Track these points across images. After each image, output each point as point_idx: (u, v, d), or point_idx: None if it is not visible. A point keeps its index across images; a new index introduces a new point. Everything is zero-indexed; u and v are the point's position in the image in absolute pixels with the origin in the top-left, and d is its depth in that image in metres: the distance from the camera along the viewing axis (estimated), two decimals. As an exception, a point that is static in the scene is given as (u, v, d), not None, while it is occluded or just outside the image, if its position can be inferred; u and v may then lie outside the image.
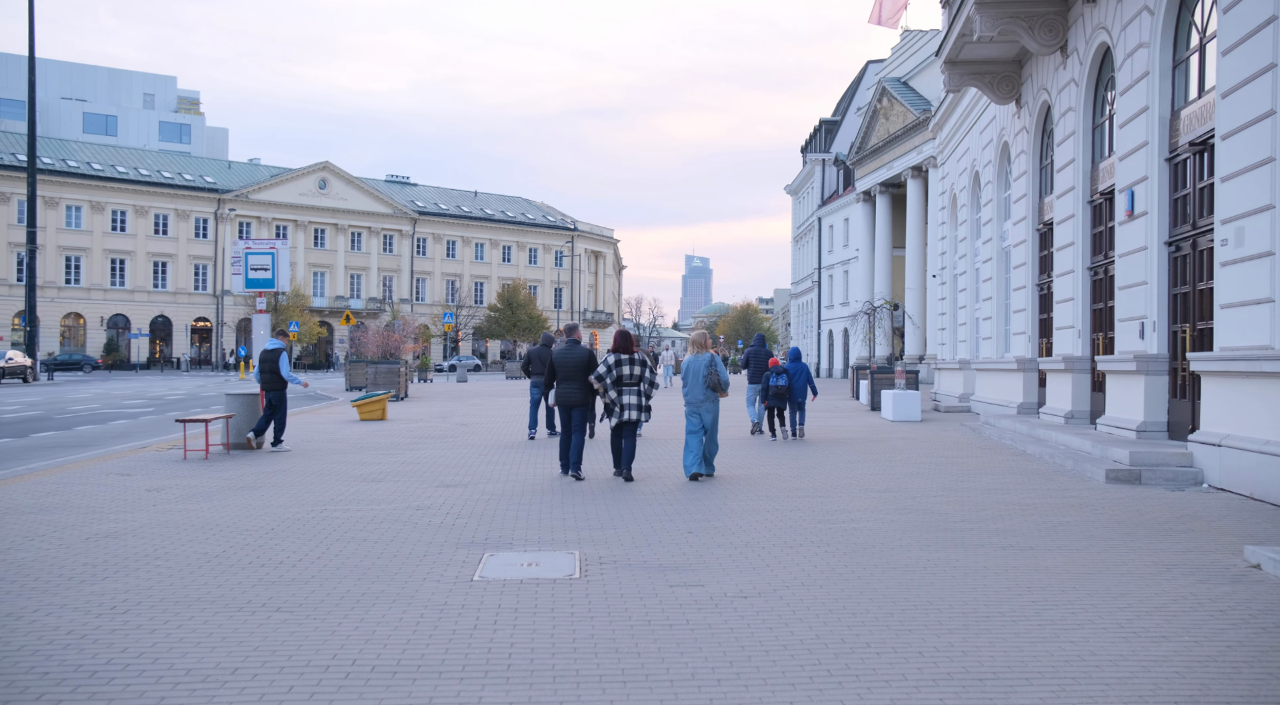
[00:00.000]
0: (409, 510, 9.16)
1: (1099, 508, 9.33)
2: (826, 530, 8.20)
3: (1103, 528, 8.30)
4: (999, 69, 19.70)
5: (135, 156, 79.20)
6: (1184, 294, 12.33)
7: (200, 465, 12.74)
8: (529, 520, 8.70)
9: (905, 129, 45.89)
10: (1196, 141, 11.78)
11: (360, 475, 11.80)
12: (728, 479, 11.56)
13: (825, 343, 65.81)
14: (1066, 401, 16.41)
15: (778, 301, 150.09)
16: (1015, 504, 9.57)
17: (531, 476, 11.77)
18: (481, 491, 10.46)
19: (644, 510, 9.27)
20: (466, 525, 8.40)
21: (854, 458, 13.92)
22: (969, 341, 25.75)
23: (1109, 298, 15.09)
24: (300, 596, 6.00)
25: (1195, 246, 11.95)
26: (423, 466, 12.75)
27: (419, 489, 10.64)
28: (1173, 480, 10.77)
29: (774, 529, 8.26)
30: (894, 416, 21.48)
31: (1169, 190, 12.75)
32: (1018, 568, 6.79)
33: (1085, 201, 16.09)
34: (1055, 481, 11.20)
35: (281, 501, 9.70)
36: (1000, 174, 22.39)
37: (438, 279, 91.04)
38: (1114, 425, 13.66)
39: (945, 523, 8.54)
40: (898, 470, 12.38)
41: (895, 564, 6.90)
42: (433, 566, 6.81)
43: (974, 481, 11.28)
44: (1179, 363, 12.37)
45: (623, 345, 11.36)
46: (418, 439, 16.89)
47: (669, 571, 6.69)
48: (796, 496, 10.17)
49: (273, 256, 16.53)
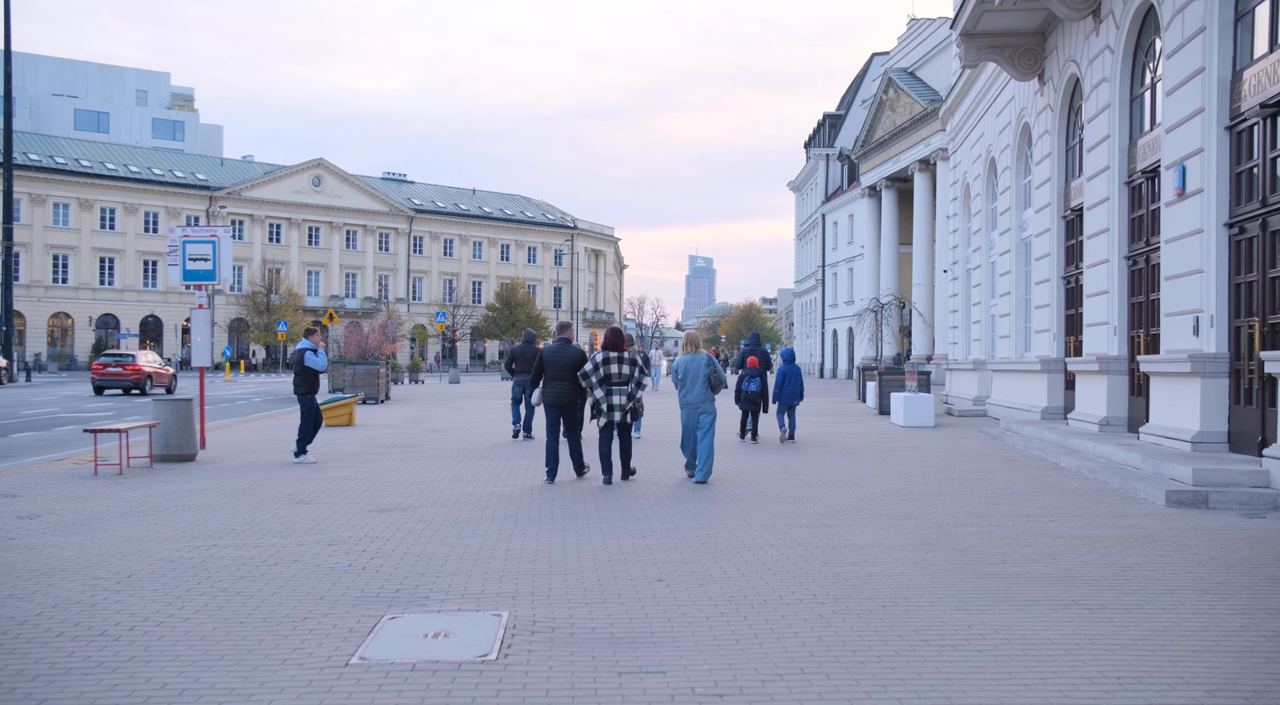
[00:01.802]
0: (318, 547, 7.43)
1: (1169, 543, 7.58)
2: (834, 577, 6.46)
3: (1185, 573, 6.55)
4: (1020, 41, 17.94)
5: (125, 153, 77.46)
6: (1250, 283, 10.57)
7: (109, 483, 11.02)
8: (461, 560, 6.97)
9: (912, 121, 44.08)
10: (1269, 103, 10.02)
11: (286, 496, 10.07)
12: (719, 497, 9.82)
13: (829, 342, 64.00)
14: (1100, 406, 14.65)
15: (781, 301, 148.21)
16: (1065, 537, 7.82)
17: (487, 495, 10.05)
18: (419, 518, 8.74)
19: (610, 542, 7.55)
20: (380, 569, 6.67)
21: (863, 472, 12.18)
22: (984, 340, 23.98)
23: (1152, 289, 13.33)
24: (87, 700, 4.27)
25: (1266, 227, 10.18)
26: (365, 484, 11.03)
27: (346, 515, 8.91)
28: (1247, 504, 9.02)
29: (767, 574, 6.52)
30: (905, 422, 19.73)
31: (1230, 163, 10.99)
32: (1094, 640, 5.05)
33: (1122, 182, 14.33)
34: (1105, 504, 9.44)
35: (170, 533, 7.97)
36: (1020, 159, 20.61)
37: (435, 278, 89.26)
38: (1161, 435, 11.91)
39: (984, 565, 6.80)
40: (915, 489, 10.62)
41: (927, 633, 5.16)
42: (306, 637, 5.09)
43: (1008, 504, 9.53)
44: (1244, 363, 10.61)
45: (613, 342, 10.86)
46: (378, 448, 15.18)
47: (621, 646, 4.96)
48: (797, 524, 8.43)
49: (213, 245, 14.77)
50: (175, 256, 14.72)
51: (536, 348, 17.97)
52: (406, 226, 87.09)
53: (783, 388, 16.28)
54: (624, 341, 10.93)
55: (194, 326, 15.07)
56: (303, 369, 13.46)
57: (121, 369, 32.88)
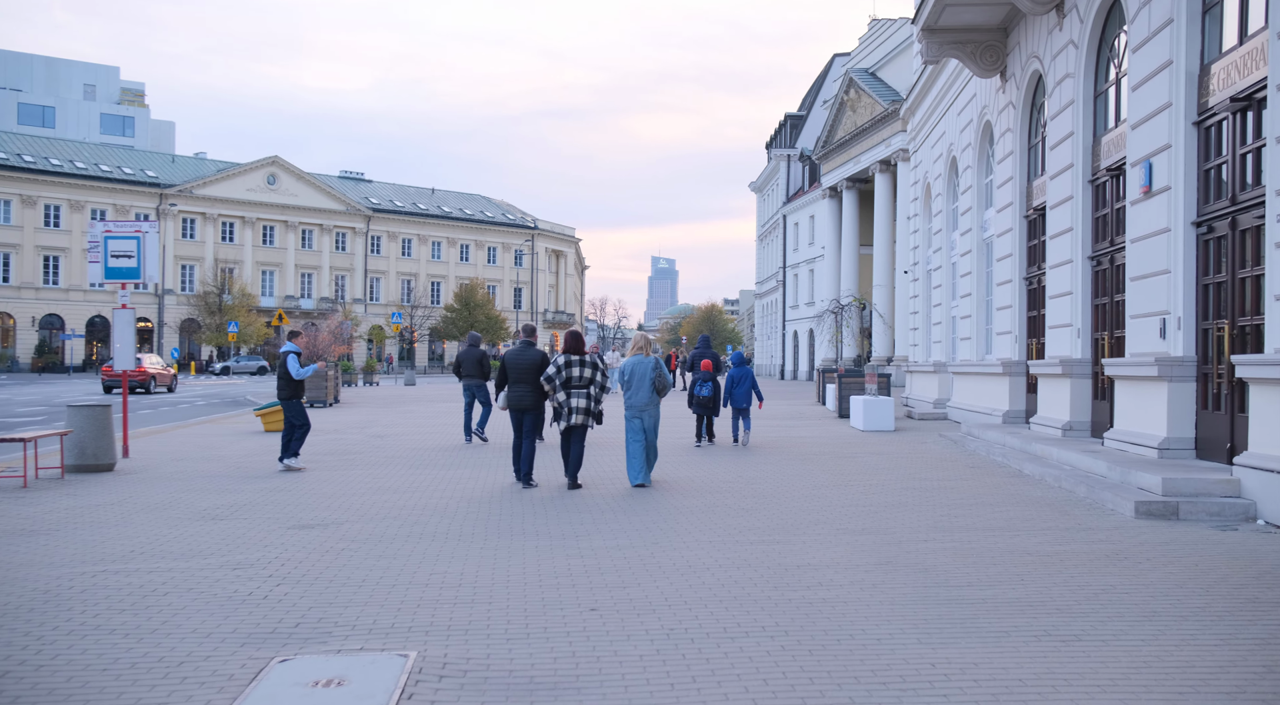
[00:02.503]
0: (221, 572, 6.75)
1: (1142, 560, 7.09)
2: (784, 603, 5.89)
3: (1162, 596, 6.05)
4: (982, 37, 17.54)
5: (71, 148, 75.46)
6: (1219, 283, 10.17)
7: (6, 497, 10.21)
8: (378, 586, 6.32)
9: (873, 121, 43.84)
10: (1239, 97, 9.61)
11: (202, 511, 9.35)
12: (668, 509, 9.23)
13: (790, 344, 63.73)
14: (1063, 410, 14.24)
15: (743, 303, 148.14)
16: (1032, 554, 7.31)
17: (421, 508, 9.39)
18: (342, 535, 8.07)
19: (544, 563, 6.93)
20: (283, 598, 6.00)
21: (820, 480, 11.65)
22: (945, 342, 23.62)
23: (1116, 291, 12.94)
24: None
25: (1236, 226, 9.78)
26: (292, 496, 10.32)
27: (262, 532, 8.22)
28: (1219, 515, 8.58)
29: (711, 601, 5.94)
30: (865, 426, 19.27)
31: (1197, 160, 10.58)
32: (1069, 680, 4.52)
33: (1086, 181, 13.93)
34: (1072, 516, 8.96)
35: (58, 556, 7.24)
36: (981, 158, 20.25)
37: (393, 278, 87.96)
38: (1127, 441, 11.49)
39: (947, 587, 6.26)
40: (875, 499, 10.10)
41: (886, 674, 4.60)
42: (175, 689, 4.42)
43: (971, 517, 9.02)
44: (1213, 367, 10.20)
45: (573, 346, 10.81)
46: (314, 456, 14.42)
47: (540, 694, 4.35)
48: (748, 540, 7.86)
49: (138, 241, 13.94)
50: (96, 253, 13.90)
51: (481, 351, 17.70)
52: (364, 226, 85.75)
53: (732, 391, 16.06)
54: (584, 344, 10.90)
55: (115, 327, 14.21)
56: (285, 372, 12.96)
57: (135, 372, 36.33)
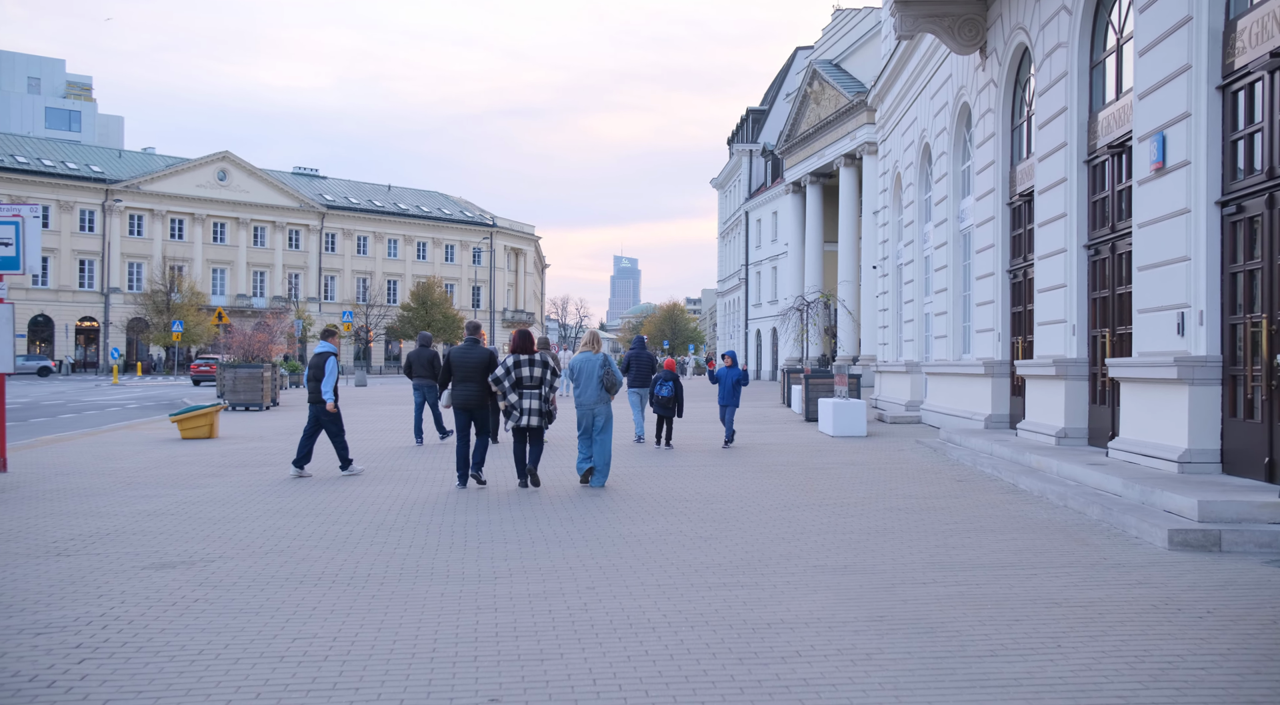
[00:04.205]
0: (20, 637, 5.14)
1: (1203, 612, 5.68)
2: (753, 688, 4.38)
3: (1253, 677, 4.63)
4: (961, 10, 16.22)
5: (12, 143, 72.60)
6: (1251, 271, 8.83)
7: None
8: (215, 660, 4.75)
9: (838, 113, 42.57)
10: (1279, 52, 8.27)
11: (51, 544, 7.71)
12: (613, 536, 7.71)
13: (754, 343, 62.46)
14: (1056, 416, 12.91)
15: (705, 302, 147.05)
16: (1060, 604, 5.87)
17: (319, 536, 7.81)
18: (203, 579, 6.48)
19: (448, 620, 5.39)
20: (73, 688, 4.42)
21: (790, 498, 10.19)
22: (917, 341, 22.31)
23: (1119, 282, 11.60)
24: None
25: (1274, 204, 8.44)
26: (170, 521, 8.70)
27: (109, 574, 6.61)
28: (1269, 547, 7.20)
29: (654, 683, 4.43)
30: (834, 431, 17.90)
31: (1222, 130, 9.25)
32: None
33: (1081, 161, 12.60)
34: (1092, 546, 7.56)
35: None
36: (958, 143, 18.94)
37: (348, 277, 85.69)
38: (1136, 452, 10.15)
39: (964, 657, 4.80)
40: (855, 524, 8.65)
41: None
42: None
43: (972, 548, 7.59)
44: (1245, 368, 8.86)
45: (522, 345, 10.62)
46: (222, 468, 12.78)
47: None
48: (706, 582, 6.38)
49: (16, 227, 12.23)
50: (-33, 240, 12.14)
51: (433, 351, 16.78)
52: (318, 223, 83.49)
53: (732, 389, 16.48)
54: (533, 343, 10.74)
55: (-7, 325, 12.46)
56: (321, 376, 11.85)
57: (209, 367, 43.30)
